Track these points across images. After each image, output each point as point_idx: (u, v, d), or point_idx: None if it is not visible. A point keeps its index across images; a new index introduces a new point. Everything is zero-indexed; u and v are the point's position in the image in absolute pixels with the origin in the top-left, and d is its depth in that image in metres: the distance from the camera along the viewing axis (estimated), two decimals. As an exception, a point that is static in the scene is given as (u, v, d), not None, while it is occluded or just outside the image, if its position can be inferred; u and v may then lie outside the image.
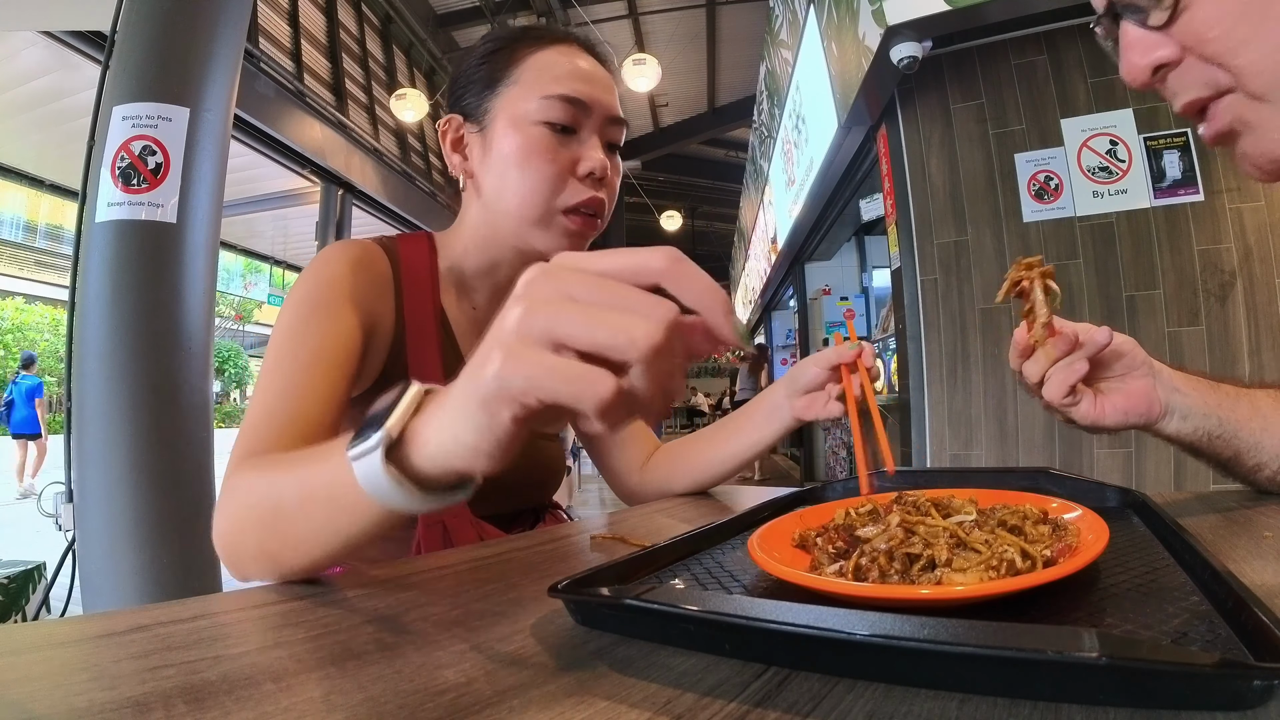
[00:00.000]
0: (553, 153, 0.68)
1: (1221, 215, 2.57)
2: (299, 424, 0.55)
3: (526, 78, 0.69)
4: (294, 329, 0.61)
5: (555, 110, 0.68)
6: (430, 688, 0.28)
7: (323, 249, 0.70)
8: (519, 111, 0.68)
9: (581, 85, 0.69)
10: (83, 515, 1.82)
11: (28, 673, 0.30)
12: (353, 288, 0.65)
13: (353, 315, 0.64)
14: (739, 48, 8.06)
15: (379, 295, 0.68)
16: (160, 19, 1.95)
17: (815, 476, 6.32)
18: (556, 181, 0.68)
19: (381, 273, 0.70)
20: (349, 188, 5.13)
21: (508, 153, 0.68)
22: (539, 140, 0.68)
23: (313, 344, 0.60)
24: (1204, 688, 0.22)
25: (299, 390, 0.57)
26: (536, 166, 0.67)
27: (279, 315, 0.64)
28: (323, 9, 5.42)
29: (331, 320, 0.62)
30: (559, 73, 0.69)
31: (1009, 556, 0.34)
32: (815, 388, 0.74)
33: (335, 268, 0.66)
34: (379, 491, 0.35)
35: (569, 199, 0.69)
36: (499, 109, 0.70)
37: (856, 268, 6.52)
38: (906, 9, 2.53)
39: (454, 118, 0.73)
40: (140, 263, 1.86)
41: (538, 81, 0.69)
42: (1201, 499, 0.61)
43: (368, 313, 0.66)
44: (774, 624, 0.27)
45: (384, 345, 0.68)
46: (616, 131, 0.73)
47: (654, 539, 0.48)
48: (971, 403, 2.81)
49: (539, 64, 0.70)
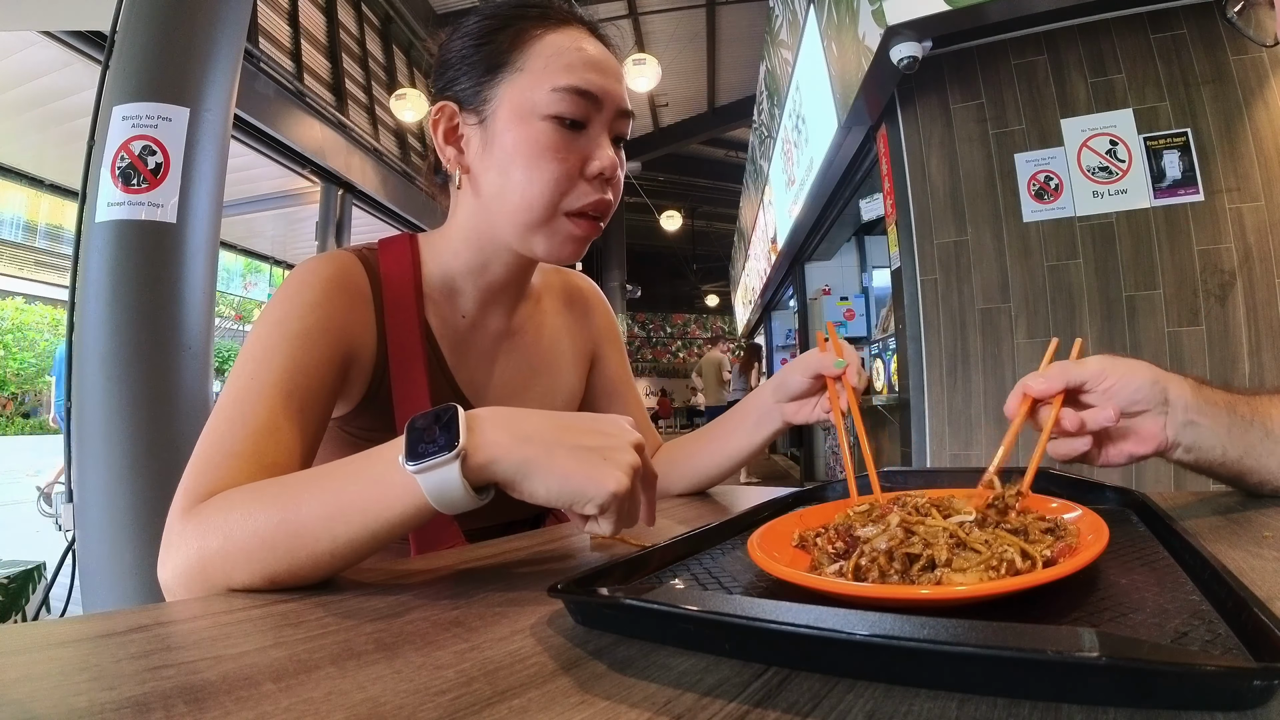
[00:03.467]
0: (563, 150, 0.63)
1: (1221, 215, 2.57)
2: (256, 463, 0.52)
3: (534, 64, 0.63)
4: (261, 360, 0.57)
5: (567, 104, 0.62)
6: (430, 688, 0.28)
7: (297, 268, 0.65)
8: (526, 102, 0.63)
9: (594, 76, 0.64)
10: (83, 515, 1.83)
11: (28, 673, 0.30)
12: (328, 314, 0.61)
13: (326, 346, 0.60)
14: (739, 48, 8.07)
15: (358, 316, 0.64)
16: (160, 19, 1.95)
17: (815, 476, 6.32)
18: (565, 182, 0.63)
19: (360, 290, 0.65)
20: (349, 188, 5.13)
21: (513, 149, 0.63)
22: (548, 137, 0.62)
23: (277, 378, 0.56)
24: (1204, 688, 0.22)
25: (260, 428, 0.53)
26: (545, 166, 0.62)
27: (247, 339, 0.60)
28: (323, 9, 5.42)
29: (302, 351, 0.58)
30: (570, 60, 0.63)
31: (1009, 556, 0.34)
32: (802, 395, 0.74)
33: (309, 293, 0.61)
34: (446, 497, 0.43)
35: (575, 201, 0.64)
36: (502, 98, 0.64)
37: (856, 268, 6.52)
38: (906, 9, 2.53)
39: (447, 105, 0.66)
40: (140, 263, 1.86)
41: (547, 70, 0.63)
42: (1201, 499, 0.61)
43: (345, 339, 0.62)
44: (774, 624, 0.27)
45: (366, 366, 0.65)
46: (624, 125, 0.68)
47: (654, 539, 0.48)
48: (971, 403, 2.81)
49: (548, 49, 0.64)
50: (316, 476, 0.47)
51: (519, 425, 0.46)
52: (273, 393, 0.55)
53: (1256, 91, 2.58)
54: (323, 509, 0.45)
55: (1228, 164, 2.58)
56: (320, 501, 0.45)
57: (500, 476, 0.45)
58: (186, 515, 0.48)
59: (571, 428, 0.47)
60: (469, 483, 0.43)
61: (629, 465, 0.45)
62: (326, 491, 0.45)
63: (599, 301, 0.91)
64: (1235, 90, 2.60)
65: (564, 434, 0.46)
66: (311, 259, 0.66)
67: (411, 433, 0.44)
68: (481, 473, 0.44)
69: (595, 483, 0.44)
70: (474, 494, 0.44)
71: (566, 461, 0.45)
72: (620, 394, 0.89)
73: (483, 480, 0.44)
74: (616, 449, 0.46)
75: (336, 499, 0.45)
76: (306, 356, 0.58)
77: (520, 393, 0.77)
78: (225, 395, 0.56)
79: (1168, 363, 2.59)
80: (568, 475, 0.44)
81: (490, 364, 0.75)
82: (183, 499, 0.50)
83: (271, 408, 0.55)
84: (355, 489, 0.45)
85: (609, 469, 0.45)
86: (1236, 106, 2.59)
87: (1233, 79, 2.61)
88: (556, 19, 0.66)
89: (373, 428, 0.67)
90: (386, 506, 0.44)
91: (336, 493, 0.45)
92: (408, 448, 0.44)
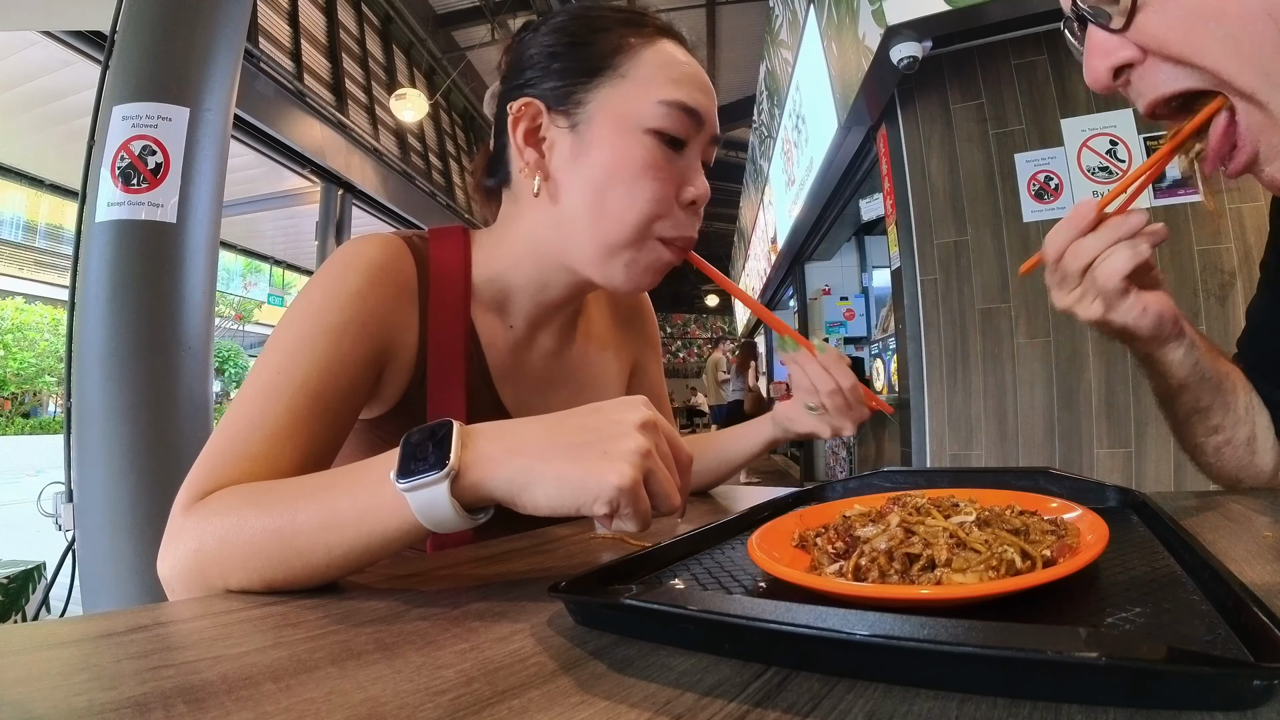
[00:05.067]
0: (665, 170, 0.59)
1: (1221, 215, 2.57)
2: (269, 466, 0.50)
3: (640, 73, 0.59)
4: (291, 351, 0.53)
5: (673, 119, 0.58)
6: (430, 688, 0.28)
7: (341, 248, 0.60)
8: (629, 113, 0.58)
9: (699, 95, 0.60)
10: (83, 515, 1.82)
11: (28, 673, 0.30)
12: (371, 306, 0.57)
13: (365, 341, 0.56)
14: (739, 48, 8.07)
15: (402, 311, 0.60)
16: (160, 19, 1.95)
17: (815, 476, 6.32)
18: (662, 205, 0.59)
19: (406, 280, 0.61)
20: (349, 188, 5.13)
21: (611, 161, 0.58)
22: (651, 154, 0.58)
23: (305, 375, 0.53)
24: (1204, 688, 0.22)
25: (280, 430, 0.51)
26: (647, 184, 0.58)
27: (280, 323, 0.56)
28: (323, 9, 5.42)
29: (337, 347, 0.55)
30: (677, 74, 0.60)
31: (1009, 557, 0.34)
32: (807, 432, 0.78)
33: (354, 279, 0.57)
34: (435, 517, 0.41)
35: (669, 229, 0.60)
36: (600, 104, 0.59)
37: (856, 268, 6.52)
38: (906, 9, 2.53)
39: (532, 103, 0.61)
40: (140, 263, 1.86)
41: (654, 81, 0.59)
42: (1201, 499, 0.61)
43: (386, 336, 0.58)
44: (774, 624, 0.27)
45: (405, 367, 0.61)
46: (713, 152, 0.65)
47: (654, 539, 0.48)
48: (971, 403, 2.81)
49: (654, 59, 0.60)
50: (313, 484, 0.46)
51: (513, 436, 0.43)
52: (298, 391, 0.52)
53: (1256, 91, 2.58)
54: (318, 519, 0.43)
55: (1228, 164, 2.58)
56: (314, 512, 0.43)
57: (496, 494, 0.42)
58: (187, 511, 0.47)
59: (565, 425, 0.43)
60: (461, 503, 0.41)
61: (633, 453, 0.41)
62: (321, 501, 0.44)
63: (648, 310, 0.87)
64: (1235, 90, 2.60)
65: (558, 434, 0.43)
66: (359, 239, 0.61)
67: (405, 447, 0.42)
68: (475, 491, 0.41)
69: (595, 480, 0.40)
70: (466, 515, 0.41)
71: (561, 464, 0.41)
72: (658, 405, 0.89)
73: (478, 499, 0.42)
74: (616, 437, 0.42)
75: (331, 509, 0.43)
76: (341, 352, 0.55)
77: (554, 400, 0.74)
78: (249, 387, 0.53)
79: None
80: (564, 479, 0.41)
81: (537, 381, 0.70)
82: (186, 493, 0.48)
83: (294, 408, 0.51)
84: (348, 501, 0.43)
85: (609, 463, 0.40)
86: (1236, 106, 2.59)
87: (1233, 79, 2.61)
88: (656, 29, 0.62)
89: None
90: (379, 521, 0.42)
91: (330, 503, 0.43)
92: (400, 464, 0.41)
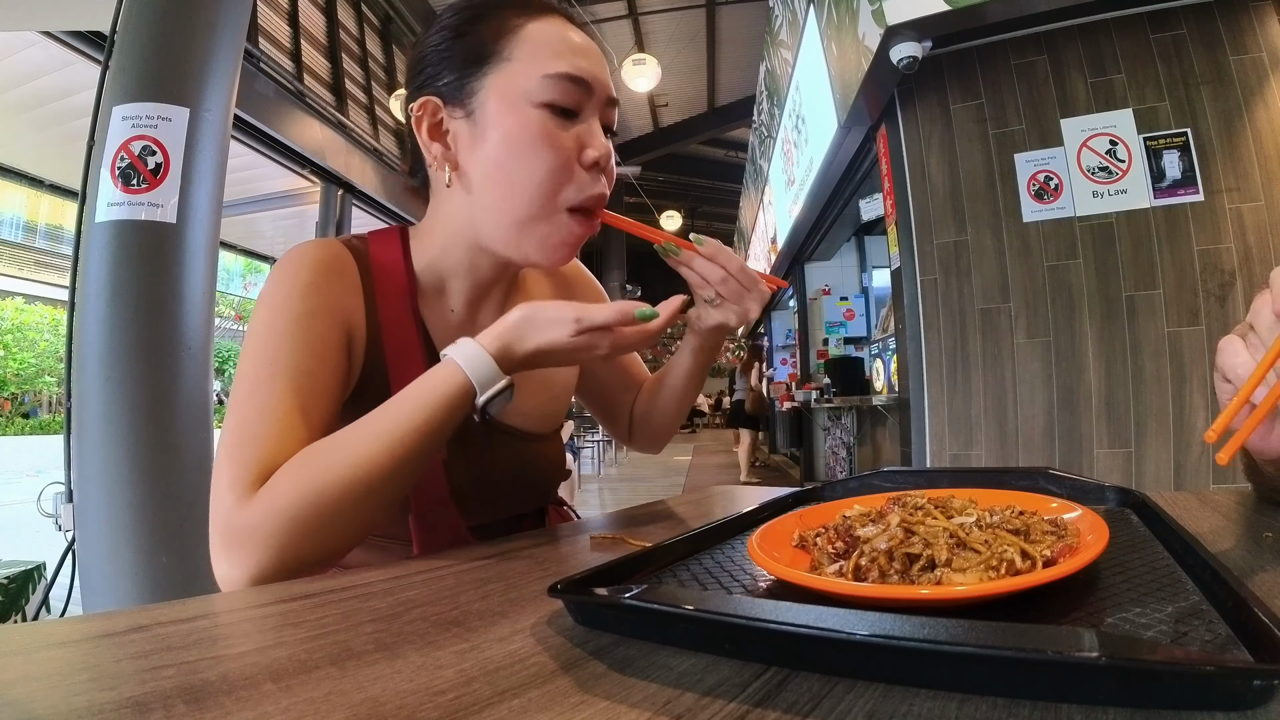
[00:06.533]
0: (560, 139, 0.61)
1: (1221, 215, 2.57)
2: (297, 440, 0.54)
3: (521, 53, 0.62)
4: (269, 343, 0.57)
5: (559, 90, 0.61)
6: (430, 688, 0.28)
7: (284, 256, 0.64)
8: (516, 91, 0.61)
9: (584, 62, 0.63)
10: (83, 515, 1.82)
11: (28, 673, 0.30)
12: (325, 295, 0.61)
13: (330, 326, 0.60)
14: (739, 48, 8.07)
15: (350, 298, 0.64)
16: (160, 19, 1.95)
17: (815, 476, 6.32)
18: (562, 173, 0.62)
19: (350, 277, 0.64)
20: (349, 188, 5.13)
21: (506, 139, 0.61)
22: (542, 125, 0.61)
23: (291, 360, 0.57)
24: (1204, 688, 0.22)
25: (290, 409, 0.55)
26: (542, 154, 0.60)
27: (250, 329, 0.59)
28: (323, 9, 5.42)
29: (310, 332, 0.58)
30: (559, 48, 0.62)
31: (1009, 556, 0.34)
32: None
33: (305, 274, 0.61)
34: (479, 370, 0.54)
35: (576, 194, 0.63)
36: (490, 89, 0.62)
37: (856, 268, 6.53)
38: (906, 9, 2.53)
39: (429, 100, 0.64)
40: (140, 263, 1.86)
41: (536, 57, 0.61)
42: (1201, 499, 0.61)
43: (343, 320, 0.62)
44: (774, 624, 0.27)
45: (358, 354, 0.64)
46: (612, 114, 0.67)
47: (654, 539, 0.48)
48: (971, 403, 2.82)
49: (534, 37, 0.62)
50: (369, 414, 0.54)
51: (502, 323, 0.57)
52: (294, 372, 0.56)
53: (1256, 91, 2.58)
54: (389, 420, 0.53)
55: (1227, 164, 2.58)
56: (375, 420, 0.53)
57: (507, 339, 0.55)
58: (248, 505, 0.50)
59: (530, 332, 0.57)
60: None
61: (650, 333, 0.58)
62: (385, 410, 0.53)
63: (581, 277, 0.89)
64: (1235, 90, 2.60)
65: None
66: (298, 245, 0.64)
67: None
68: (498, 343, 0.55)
69: None
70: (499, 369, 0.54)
71: None
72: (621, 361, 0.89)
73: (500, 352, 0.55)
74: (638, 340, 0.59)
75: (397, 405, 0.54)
76: (316, 334, 0.59)
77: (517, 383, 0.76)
78: (243, 383, 0.56)
79: (1167, 363, 2.59)
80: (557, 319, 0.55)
81: None
82: (232, 494, 0.51)
83: (296, 387, 0.56)
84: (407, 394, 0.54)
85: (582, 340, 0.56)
86: (1236, 106, 2.60)
87: (1232, 79, 2.61)
88: (537, 8, 0.65)
89: None
90: (430, 390, 0.53)
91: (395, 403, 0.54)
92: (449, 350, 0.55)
